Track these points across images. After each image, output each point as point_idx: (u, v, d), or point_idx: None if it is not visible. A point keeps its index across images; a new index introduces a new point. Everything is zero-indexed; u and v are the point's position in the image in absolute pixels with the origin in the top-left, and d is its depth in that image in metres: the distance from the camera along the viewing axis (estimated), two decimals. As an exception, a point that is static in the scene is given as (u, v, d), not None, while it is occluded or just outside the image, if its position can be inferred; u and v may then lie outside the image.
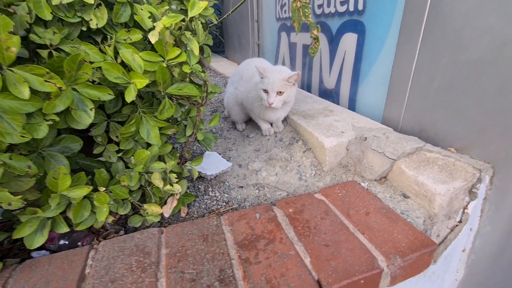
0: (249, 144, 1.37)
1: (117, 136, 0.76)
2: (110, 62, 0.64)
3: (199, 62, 0.63)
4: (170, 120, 0.83)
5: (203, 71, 0.65)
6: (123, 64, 0.66)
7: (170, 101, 0.69)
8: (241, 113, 1.45)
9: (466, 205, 0.87)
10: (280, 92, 1.16)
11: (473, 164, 0.88)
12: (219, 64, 3.32)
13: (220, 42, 4.33)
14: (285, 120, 1.44)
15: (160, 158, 0.80)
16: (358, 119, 1.29)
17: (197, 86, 0.69)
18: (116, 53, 0.66)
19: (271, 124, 1.40)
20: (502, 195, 0.86)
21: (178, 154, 0.85)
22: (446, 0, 0.93)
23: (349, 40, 1.43)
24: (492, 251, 0.91)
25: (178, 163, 0.81)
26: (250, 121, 1.56)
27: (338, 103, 1.58)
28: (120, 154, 0.79)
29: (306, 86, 1.89)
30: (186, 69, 0.63)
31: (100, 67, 0.65)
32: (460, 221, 0.87)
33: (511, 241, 0.86)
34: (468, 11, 0.87)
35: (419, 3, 1.01)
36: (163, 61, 0.64)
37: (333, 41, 1.55)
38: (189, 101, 0.72)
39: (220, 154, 1.29)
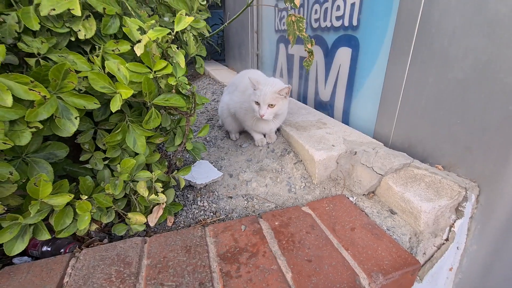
0: (242, 154, 1.38)
1: (104, 144, 0.77)
2: (97, 72, 0.64)
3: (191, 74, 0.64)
4: (160, 129, 0.84)
5: (190, 83, 0.66)
6: (111, 74, 0.67)
7: (157, 111, 0.69)
8: (234, 124, 1.46)
9: (453, 223, 0.87)
10: (272, 105, 1.17)
11: (459, 182, 0.88)
12: (219, 72, 3.35)
13: (222, 51, 4.39)
14: (278, 131, 1.45)
15: (148, 167, 0.80)
16: (350, 132, 1.29)
17: (184, 97, 0.70)
18: (104, 63, 0.67)
19: (264, 135, 1.41)
20: (487, 214, 0.85)
21: (166, 163, 0.85)
22: (434, 19, 0.94)
23: (343, 54, 1.45)
24: (478, 270, 0.90)
25: (166, 172, 0.81)
26: (244, 131, 1.57)
27: (332, 116, 1.59)
28: (106, 162, 0.79)
29: (302, 97, 1.91)
30: (171, 81, 0.63)
31: (87, 77, 0.66)
32: (446, 239, 0.87)
33: (497, 260, 0.86)
34: (453, 31, 0.89)
35: (409, 22, 1.03)
36: (150, 72, 0.65)
37: (329, 55, 1.57)
38: (178, 111, 0.73)
39: (212, 163, 1.29)
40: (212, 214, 1.00)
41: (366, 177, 1.01)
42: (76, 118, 0.64)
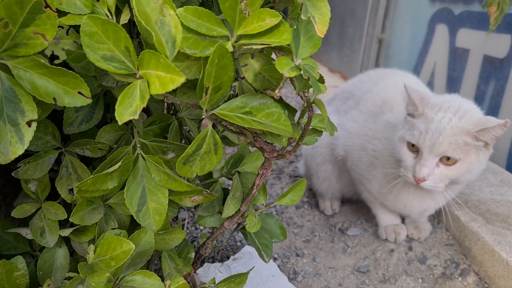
0: (344, 252, 0.74)
1: (71, 191, 0.34)
2: (102, 19, 0.26)
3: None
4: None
5: (322, 79, 0.27)
6: (131, 28, 0.29)
7: (216, 133, 0.28)
8: (336, 180, 0.82)
9: None
10: (449, 159, 0.58)
11: None
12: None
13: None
14: (437, 215, 0.77)
15: (150, 261, 0.36)
16: None
17: (289, 114, 0.29)
18: (123, 1, 0.29)
19: (403, 220, 0.78)
20: None
21: (192, 254, 0.40)
22: None
23: None
24: None
25: (188, 275, 0.36)
26: (353, 199, 0.87)
27: None
28: (66, 232, 0.35)
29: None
30: (283, 66, 0.24)
31: (78, 27, 0.27)
32: None
33: None
34: None
35: None
36: (227, 38, 0.27)
37: None
38: (256, 141, 0.31)
39: (275, 260, 0.68)
40: None
41: None
42: (29, 123, 0.26)
